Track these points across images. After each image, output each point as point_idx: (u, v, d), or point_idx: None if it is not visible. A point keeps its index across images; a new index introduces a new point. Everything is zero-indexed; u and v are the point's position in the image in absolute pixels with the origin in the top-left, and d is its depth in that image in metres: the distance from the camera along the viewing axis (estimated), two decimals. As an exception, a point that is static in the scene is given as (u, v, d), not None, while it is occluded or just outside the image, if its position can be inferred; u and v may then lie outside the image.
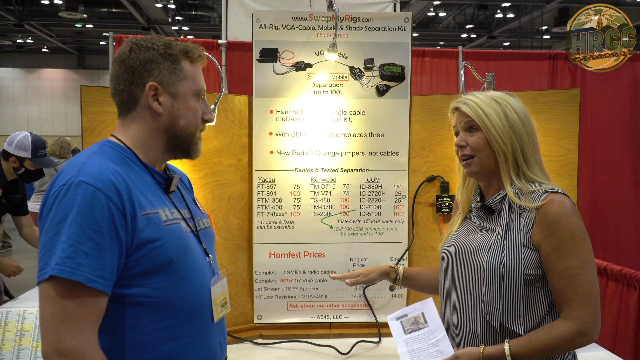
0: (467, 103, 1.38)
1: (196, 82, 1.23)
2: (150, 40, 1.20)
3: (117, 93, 1.20)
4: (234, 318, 2.16)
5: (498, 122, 1.34)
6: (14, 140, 3.02)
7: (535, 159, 1.36)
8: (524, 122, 1.35)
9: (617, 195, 4.63)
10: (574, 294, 1.25)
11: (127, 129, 1.20)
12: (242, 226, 2.22)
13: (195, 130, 1.24)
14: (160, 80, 1.18)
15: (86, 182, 1.03)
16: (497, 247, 1.31)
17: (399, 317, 1.51)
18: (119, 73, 1.19)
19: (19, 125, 23.21)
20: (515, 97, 1.41)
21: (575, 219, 1.27)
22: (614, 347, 2.85)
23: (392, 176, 2.23)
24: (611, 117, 4.66)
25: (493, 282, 1.29)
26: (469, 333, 1.36)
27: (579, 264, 1.25)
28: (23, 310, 1.79)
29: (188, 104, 1.21)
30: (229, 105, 2.16)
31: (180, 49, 1.21)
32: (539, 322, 1.31)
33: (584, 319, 1.24)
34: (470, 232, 1.41)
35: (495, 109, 1.35)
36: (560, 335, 1.25)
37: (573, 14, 3.83)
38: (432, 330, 1.43)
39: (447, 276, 1.46)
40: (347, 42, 2.18)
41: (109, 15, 17.06)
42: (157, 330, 1.11)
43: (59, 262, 0.98)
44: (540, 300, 1.30)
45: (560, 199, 1.28)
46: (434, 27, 17.52)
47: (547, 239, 1.27)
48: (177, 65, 1.20)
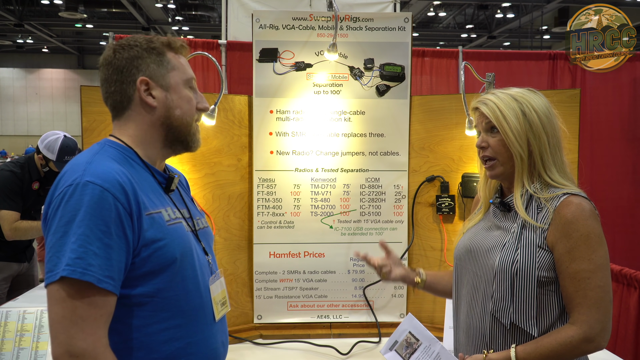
0: (487, 103, 1.34)
1: (185, 71, 1.23)
2: (132, 39, 1.21)
3: (110, 95, 1.20)
4: (234, 318, 2.16)
5: (515, 124, 1.30)
6: (46, 139, 3.05)
7: (555, 161, 1.32)
8: (543, 122, 1.31)
9: (616, 195, 4.63)
10: (583, 298, 1.22)
11: (125, 128, 1.20)
12: (242, 226, 2.22)
13: (191, 119, 1.23)
14: (149, 74, 1.18)
15: (93, 183, 1.03)
16: (512, 246, 1.29)
17: (391, 346, 1.48)
18: (108, 76, 1.19)
19: (19, 125, 23.22)
20: (538, 94, 1.36)
21: (592, 222, 1.23)
22: (614, 347, 2.85)
23: (392, 176, 2.23)
24: (611, 117, 4.66)
25: (505, 280, 1.27)
26: (479, 333, 1.34)
27: (591, 268, 1.21)
28: (23, 310, 1.79)
29: (181, 93, 1.21)
30: (229, 105, 2.16)
31: (162, 41, 1.21)
32: (550, 326, 1.28)
33: (592, 324, 1.21)
34: (485, 231, 1.39)
35: (514, 109, 1.31)
36: (565, 340, 1.21)
37: (573, 14, 3.83)
38: (427, 346, 1.41)
39: (460, 275, 1.44)
40: (347, 42, 2.18)
41: (109, 15, 17.06)
42: (161, 330, 1.11)
43: (69, 263, 0.98)
44: (553, 303, 1.28)
45: (578, 201, 1.25)
46: (434, 27, 17.52)
47: (561, 240, 1.24)
48: (162, 58, 1.20)
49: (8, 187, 2.93)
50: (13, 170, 2.98)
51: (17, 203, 2.94)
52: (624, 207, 4.64)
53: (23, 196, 2.99)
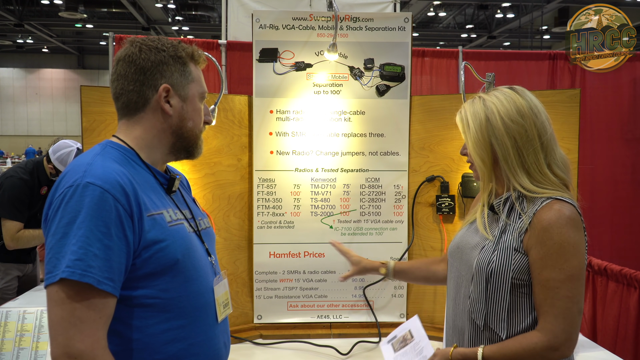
0: (460, 112, 1.38)
1: (202, 85, 1.26)
2: (159, 41, 1.21)
3: (126, 93, 1.19)
4: (234, 318, 2.16)
5: (475, 132, 1.31)
6: (58, 150, 3.04)
7: (526, 166, 1.28)
8: (508, 127, 1.28)
9: (616, 195, 4.63)
10: (550, 306, 1.21)
11: (132, 130, 1.20)
12: (242, 226, 2.22)
13: (199, 132, 1.26)
14: (172, 82, 1.19)
15: (93, 184, 1.03)
16: (490, 248, 1.30)
17: (390, 340, 1.59)
18: (129, 73, 1.18)
19: (19, 125, 23.23)
20: (523, 95, 1.32)
21: (568, 231, 1.21)
22: (614, 347, 2.85)
23: (392, 176, 2.23)
24: (610, 117, 4.66)
25: (480, 281, 1.29)
26: (460, 330, 1.37)
27: (561, 278, 1.20)
28: (23, 311, 1.79)
29: (195, 106, 1.24)
30: (229, 105, 2.16)
31: (187, 52, 1.23)
32: (523, 330, 1.27)
33: (557, 333, 1.20)
34: (474, 231, 1.40)
35: (479, 116, 1.31)
36: (529, 346, 1.21)
37: (573, 14, 3.82)
38: (417, 342, 1.49)
39: (449, 272, 1.46)
40: (347, 42, 2.18)
41: (109, 15, 17.07)
42: (163, 331, 1.11)
43: (69, 265, 0.98)
44: (525, 307, 1.27)
45: (559, 207, 1.23)
46: (434, 27, 17.53)
47: (535, 246, 1.23)
48: (186, 68, 1.22)
49: (16, 196, 2.91)
50: (23, 178, 2.96)
51: (22, 214, 2.93)
52: (623, 207, 4.64)
53: (30, 203, 2.98)
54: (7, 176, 3.00)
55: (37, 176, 3.03)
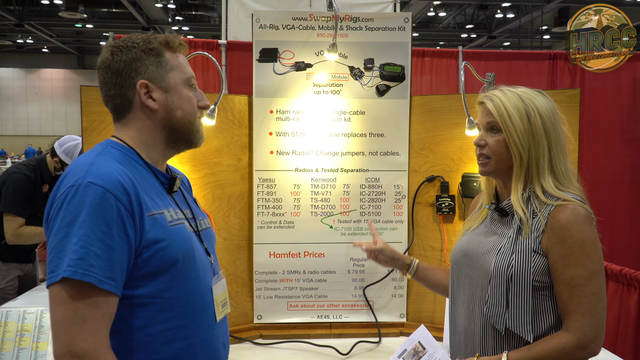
0: (493, 100, 1.31)
1: (184, 70, 1.22)
2: (129, 39, 1.19)
3: (110, 99, 1.19)
4: (234, 318, 2.16)
5: (520, 125, 1.27)
6: (64, 143, 3.06)
7: (553, 169, 1.29)
8: (547, 127, 1.28)
9: (615, 195, 4.63)
10: (577, 305, 1.21)
11: (127, 130, 1.20)
12: (242, 226, 2.22)
13: (193, 119, 1.23)
14: (148, 76, 1.17)
15: (95, 184, 1.03)
16: (507, 251, 1.27)
17: (400, 354, 1.51)
18: (107, 79, 1.18)
19: (19, 125, 23.23)
20: (545, 97, 1.32)
21: (587, 228, 1.22)
22: (615, 347, 2.85)
23: (392, 176, 2.23)
24: (610, 117, 4.66)
25: (500, 285, 1.26)
26: (477, 338, 1.33)
27: (585, 275, 1.20)
28: (23, 311, 1.79)
29: (181, 94, 1.21)
30: (229, 105, 2.17)
31: (160, 41, 1.20)
32: (546, 331, 1.26)
33: (585, 331, 1.20)
34: (482, 235, 1.38)
35: (519, 109, 1.28)
36: (559, 346, 1.20)
37: (573, 14, 3.82)
38: (431, 353, 1.42)
39: (456, 278, 1.42)
40: (347, 42, 2.18)
41: (109, 15, 17.07)
42: (163, 331, 1.11)
43: (71, 264, 0.98)
44: (548, 309, 1.26)
45: (573, 207, 1.24)
46: (434, 27, 17.53)
47: (555, 246, 1.23)
48: (161, 58, 1.19)
49: (19, 192, 2.93)
50: (27, 174, 2.98)
51: (25, 209, 2.94)
52: (622, 207, 4.64)
53: (33, 200, 2.99)
54: (10, 172, 3.02)
55: (40, 173, 3.04)
